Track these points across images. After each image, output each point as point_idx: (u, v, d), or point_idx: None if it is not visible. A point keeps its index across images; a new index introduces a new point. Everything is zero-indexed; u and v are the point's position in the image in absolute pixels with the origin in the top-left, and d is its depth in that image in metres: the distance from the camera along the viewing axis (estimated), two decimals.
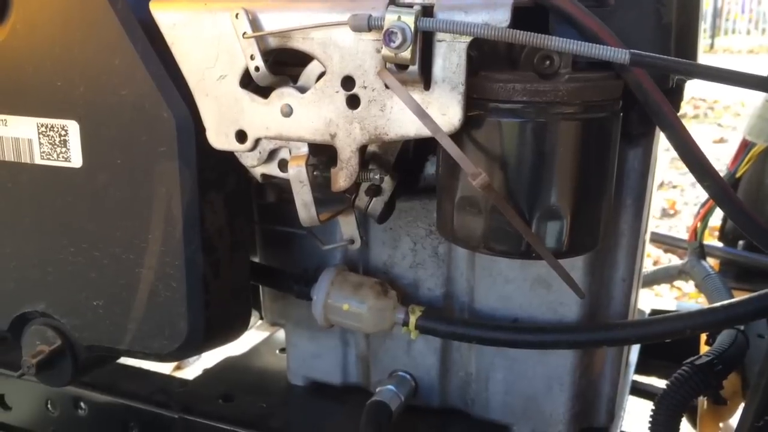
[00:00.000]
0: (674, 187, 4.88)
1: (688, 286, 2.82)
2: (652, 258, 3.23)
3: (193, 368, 1.46)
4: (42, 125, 0.80)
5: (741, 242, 1.38)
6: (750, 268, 1.33)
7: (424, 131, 0.65)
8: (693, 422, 1.21)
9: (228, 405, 0.99)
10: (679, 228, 4.09)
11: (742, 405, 0.99)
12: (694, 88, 0.77)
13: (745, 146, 1.16)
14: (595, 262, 0.84)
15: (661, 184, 4.78)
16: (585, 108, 0.65)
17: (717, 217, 1.35)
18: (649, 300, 1.55)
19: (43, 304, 0.85)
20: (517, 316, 0.88)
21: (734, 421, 0.96)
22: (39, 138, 0.80)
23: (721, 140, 6.02)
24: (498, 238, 0.68)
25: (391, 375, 0.97)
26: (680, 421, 0.89)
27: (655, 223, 4.12)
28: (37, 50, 0.78)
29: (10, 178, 0.83)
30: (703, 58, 0.82)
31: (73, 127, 0.78)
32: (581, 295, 0.72)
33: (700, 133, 6.35)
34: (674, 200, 4.46)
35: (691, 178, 4.90)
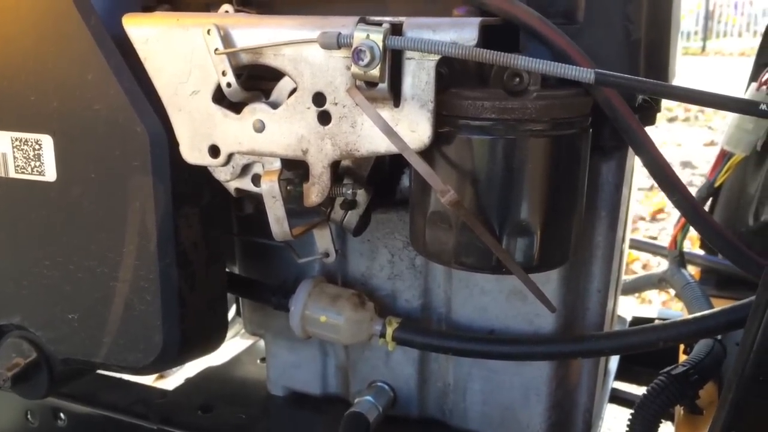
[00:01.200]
0: None
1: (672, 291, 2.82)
2: (641, 261, 3.24)
3: (176, 377, 1.46)
4: (16, 139, 0.80)
5: None
6: (730, 276, 1.33)
7: (395, 148, 0.65)
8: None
9: (207, 416, 0.99)
10: (669, 230, 4.11)
11: None
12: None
13: (724, 156, 1.16)
14: (570, 273, 0.84)
15: (651, 187, 4.80)
16: (554, 125, 0.65)
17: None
18: (632, 307, 1.56)
19: (18, 317, 0.85)
20: (494, 327, 0.89)
21: None
22: (13, 152, 0.80)
23: (712, 143, 6.04)
24: (469, 253, 0.69)
25: (369, 385, 0.97)
26: (657, 431, 0.89)
27: (645, 226, 4.13)
28: (11, 64, 0.78)
29: None
30: (692, 63, 0.83)
31: (47, 141, 0.78)
32: (552, 309, 0.72)
33: (691, 136, 6.37)
34: (659, 207, 4.47)
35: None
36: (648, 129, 0.69)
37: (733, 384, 0.63)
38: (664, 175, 0.68)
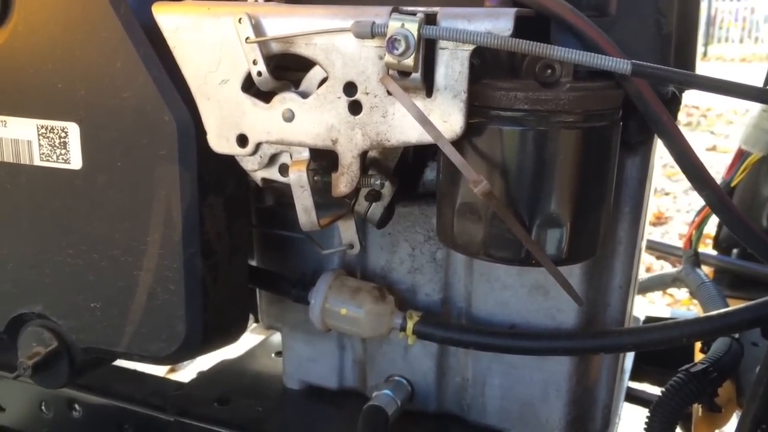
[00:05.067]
0: (667, 194, 4.91)
1: (681, 294, 2.84)
2: (645, 265, 3.25)
3: (188, 371, 1.46)
4: (42, 127, 0.80)
5: (735, 251, 1.39)
6: (744, 277, 1.34)
7: (426, 138, 0.65)
8: (687, 430, 1.22)
9: (223, 408, 0.99)
10: (671, 235, 4.11)
11: (736, 413, 0.99)
12: (687, 96, 0.78)
13: (741, 155, 1.17)
14: (593, 269, 0.84)
15: (654, 192, 4.80)
16: (586, 117, 0.65)
17: (712, 225, 1.36)
18: (644, 307, 1.56)
19: (40, 306, 0.85)
20: (515, 322, 0.89)
21: (728, 428, 0.96)
22: (39, 139, 0.80)
23: (714, 148, 6.05)
24: (498, 244, 0.69)
25: (387, 379, 0.97)
26: (675, 428, 0.89)
27: (647, 230, 4.13)
28: (39, 52, 0.78)
29: (9, 180, 0.83)
30: (698, 66, 0.83)
31: (73, 129, 0.78)
32: (580, 303, 0.72)
33: (693, 141, 6.38)
34: (661, 211, 4.48)
35: (683, 185, 4.93)
36: None
37: (764, 378, 0.63)
38: (693, 169, 0.68)
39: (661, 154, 0.95)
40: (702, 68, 0.81)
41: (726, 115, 7.65)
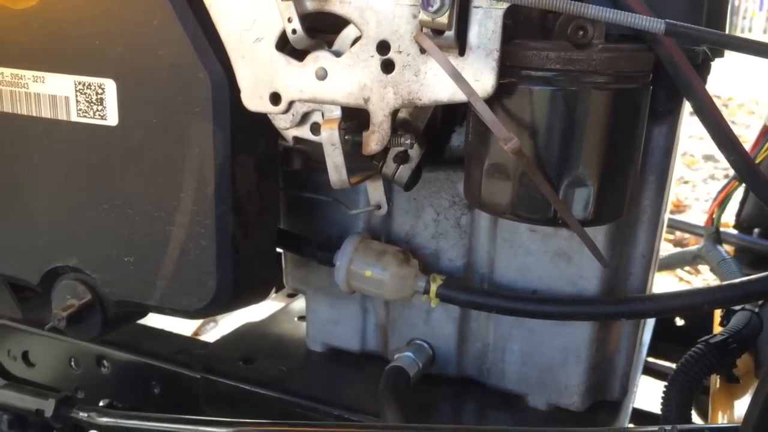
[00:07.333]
0: (686, 182, 4.88)
1: (698, 281, 2.83)
2: (662, 252, 3.23)
3: (210, 335, 1.48)
4: (79, 83, 0.81)
5: (757, 230, 1.39)
6: (765, 256, 1.34)
7: (458, 96, 0.66)
8: (698, 408, 1.23)
9: (248, 367, 1.01)
10: (691, 221, 4.08)
11: (754, 385, 1.00)
12: (709, 85, 0.78)
13: (766, 132, 1.16)
14: (617, 236, 0.85)
15: (674, 181, 4.76)
16: (617, 78, 0.66)
17: (731, 211, 1.36)
18: (664, 286, 1.56)
19: (74, 260, 0.87)
20: (537, 288, 0.90)
21: (747, 399, 0.97)
22: (76, 95, 0.82)
23: None
24: (525, 204, 0.70)
25: (409, 343, 0.99)
26: (692, 398, 0.90)
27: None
28: (77, 8, 0.79)
29: (47, 135, 0.85)
30: None
31: (110, 86, 0.80)
32: (605, 264, 0.73)
33: None
34: (680, 199, 4.45)
35: (702, 174, 4.89)
36: None
37: None
38: (722, 134, 0.68)
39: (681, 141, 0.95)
40: (726, 56, 0.81)
41: (748, 105, 7.55)
